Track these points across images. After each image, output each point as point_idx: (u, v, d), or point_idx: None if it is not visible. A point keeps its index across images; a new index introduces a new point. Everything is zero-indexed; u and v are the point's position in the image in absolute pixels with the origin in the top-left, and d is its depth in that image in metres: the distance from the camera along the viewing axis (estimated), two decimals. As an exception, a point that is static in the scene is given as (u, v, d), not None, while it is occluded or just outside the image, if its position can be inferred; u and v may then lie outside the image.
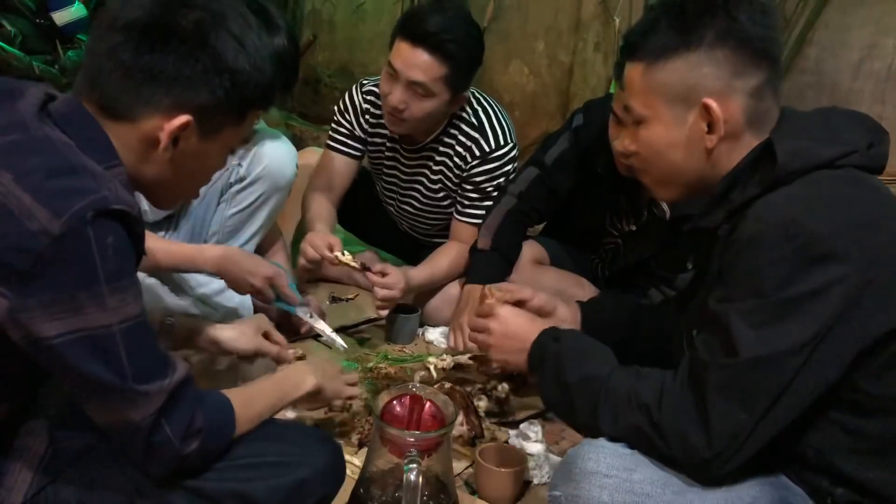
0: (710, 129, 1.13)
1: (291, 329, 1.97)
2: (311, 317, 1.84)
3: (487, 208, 2.10)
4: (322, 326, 1.86)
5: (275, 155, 1.95)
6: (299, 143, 3.55)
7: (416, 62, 1.92)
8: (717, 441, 1.02)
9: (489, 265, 1.99)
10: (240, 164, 1.95)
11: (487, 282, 1.93)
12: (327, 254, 1.94)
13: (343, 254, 1.95)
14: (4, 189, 0.88)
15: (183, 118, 1.01)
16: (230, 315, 1.89)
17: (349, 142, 2.26)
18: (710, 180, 1.17)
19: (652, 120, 1.18)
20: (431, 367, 1.74)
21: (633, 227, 1.99)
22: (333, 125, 2.28)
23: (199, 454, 1.03)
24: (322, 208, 2.18)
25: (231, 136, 1.10)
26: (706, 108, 1.12)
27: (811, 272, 0.98)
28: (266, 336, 1.55)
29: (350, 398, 1.52)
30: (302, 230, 2.23)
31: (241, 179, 1.96)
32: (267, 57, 1.08)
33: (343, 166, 2.26)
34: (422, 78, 1.93)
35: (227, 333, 1.49)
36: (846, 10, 2.36)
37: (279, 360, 1.57)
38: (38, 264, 0.87)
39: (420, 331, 2.15)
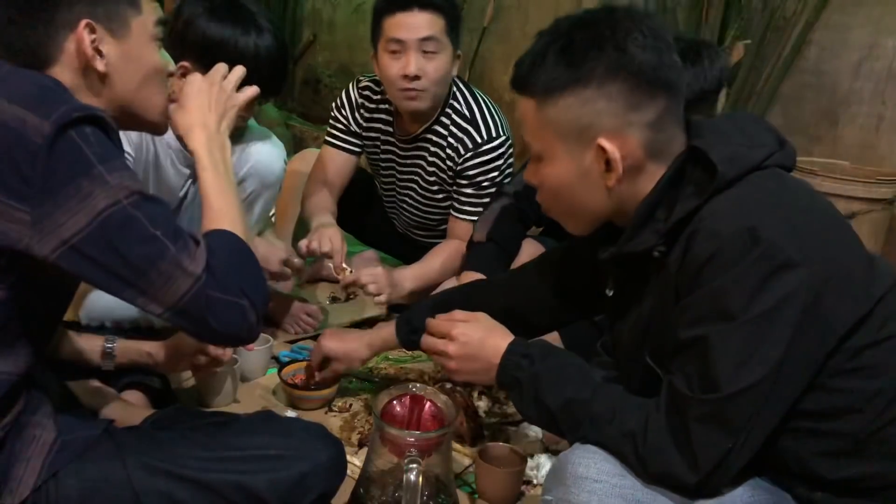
0: (609, 167, 1.09)
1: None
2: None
3: (484, 206, 2.10)
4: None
5: (261, 153, 1.95)
6: (299, 144, 3.56)
7: (418, 22, 1.98)
8: (703, 469, 1.02)
9: (487, 255, 1.99)
10: None
11: (485, 270, 1.93)
12: (329, 255, 1.95)
13: (344, 267, 1.96)
14: (1, 108, 0.97)
15: (82, 22, 1.07)
16: None
17: (346, 137, 2.27)
18: (621, 213, 1.14)
19: (548, 157, 1.14)
20: (426, 378, 1.75)
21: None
22: (331, 121, 2.29)
23: (253, 288, 1.06)
24: (322, 199, 2.19)
25: (142, 26, 1.14)
26: (602, 149, 1.08)
27: (774, 283, 0.97)
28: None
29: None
30: (304, 225, 2.23)
31: None
32: None
33: (340, 162, 2.27)
34: (430, 32, 1.98)
35: (153, 349, 1.53)
36: (846, 10, 2.37)
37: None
38: (38, 164, 0.94)
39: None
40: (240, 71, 1.30)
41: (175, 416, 1.33)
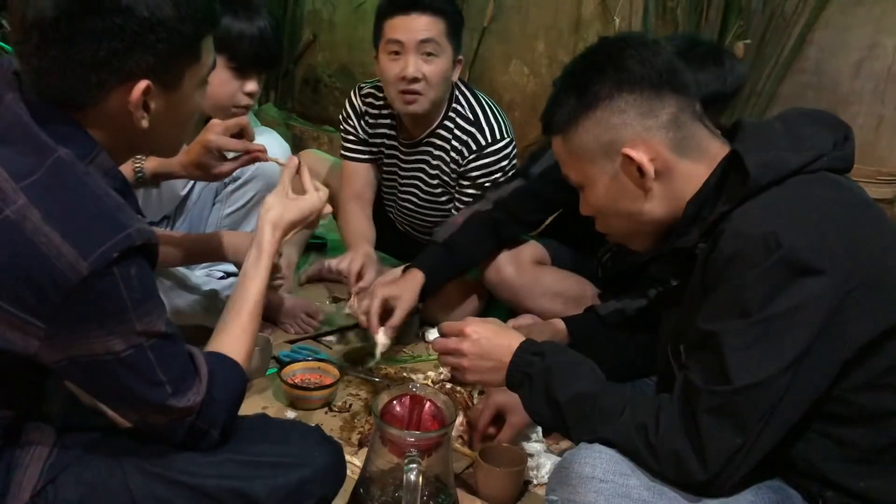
0: (641, 173, 1.14)
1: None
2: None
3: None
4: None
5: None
6: (299, 144, 3.55)
7: (419, 25, 1.99)
8: (712, 465, 1.02)
9: (434, 258, 1.95)
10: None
11: (427, 269, 1.90)
12: (353, 281, 1.96)
13: (355, 300, 1.94)
14: (34, 227, 0.90)
15: (141, 85, 0.98)
16: None
17: (360, 147, 2.29)
18: (671, 215, 1.17)
19: (588, 183, 1.20)
20: (429, 381, 1.75)
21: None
22: (342, 134, 2.31)
23: (230, 422, 1.11)
24: (360, 223, 2.23)
25: (196, 74, 1.05)
26: (628, 157, 1.13)
27: (793, 286, 0.98)
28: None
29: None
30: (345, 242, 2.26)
31: (235, 179, 1.96)
32: None
33: (364, 172, 2.30)
34: (429, 34, 1.99)
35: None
36: (846, 10, 2.36)
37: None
38: (68, 299, 0.90)
39: (420, 331, 2.15)
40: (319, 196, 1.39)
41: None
